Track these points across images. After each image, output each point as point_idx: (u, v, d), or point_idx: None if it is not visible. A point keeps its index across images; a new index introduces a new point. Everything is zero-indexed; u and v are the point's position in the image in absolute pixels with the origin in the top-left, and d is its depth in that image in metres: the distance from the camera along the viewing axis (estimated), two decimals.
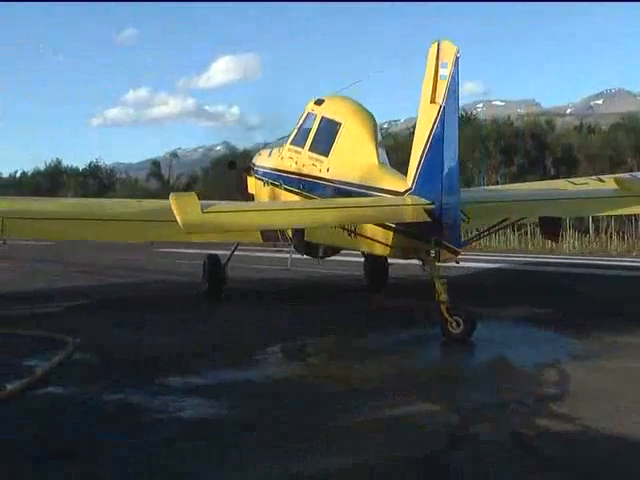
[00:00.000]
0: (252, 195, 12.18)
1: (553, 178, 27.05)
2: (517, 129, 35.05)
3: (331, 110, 10.17)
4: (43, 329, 7.98)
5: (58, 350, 6.80)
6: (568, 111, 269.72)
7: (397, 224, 8.32)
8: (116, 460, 4.02)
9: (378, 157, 9.01)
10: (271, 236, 10.17)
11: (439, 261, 8.04)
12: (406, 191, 8.14)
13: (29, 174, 63.74)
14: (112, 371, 6.30)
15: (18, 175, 65.00)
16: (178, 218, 7.86)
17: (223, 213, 8.78)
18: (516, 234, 26.10)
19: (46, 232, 9.88)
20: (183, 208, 8.06)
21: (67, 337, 7.31)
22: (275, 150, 11.46)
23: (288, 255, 12.29)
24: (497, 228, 11.25)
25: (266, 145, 12.43)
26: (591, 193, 11.04)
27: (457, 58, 7.88)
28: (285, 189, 10.82)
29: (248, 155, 12.25)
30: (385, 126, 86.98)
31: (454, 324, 7.44)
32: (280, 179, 10.99)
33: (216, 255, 12.03)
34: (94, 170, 59.33)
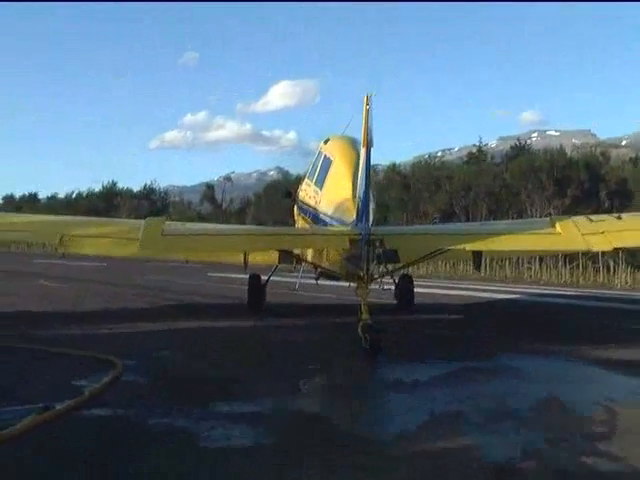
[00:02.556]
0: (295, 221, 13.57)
1: (607, 211, 26.86)
2: (571, 160, 34.74)
3: (329, 149, 11.50)
4: (93, 350, 8.06)
5: (107, 371, 6.89)
6: (624, 142, 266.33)
7: (343, 252, 9.80)
8: None
9: (352, 191, 9.78)
10: (286, 259, 11.73)
11: (367, 286, 9.29)
12: (351, 223, 9.34)
13: (84, 195, 64.56)
14: (159, 394, 6.36)
15: (74, 196, 65.83)
16: (140, 238, 9.66)
17: (180, 237, 10.63)
18: (567, 267, 25.93)
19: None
20: (147, 230, 9.94)
21: (116, 359, 7.42)
22: (304, 182, 12.66)
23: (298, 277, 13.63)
24: (429, 258, 12.48)
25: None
26: (520, 230, 11.71)
27: (367, 109, 8.94)
28: (301, 217, 12.50)
29: (302, 180, 12.81)
30: (439, 154, 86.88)
31: (364, 340, 8.37)
32: (301, 209, 12.59)
33: (258, 275, 13.54)
34: (149, 192, 59.88)
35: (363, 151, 9.10)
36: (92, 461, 4.43)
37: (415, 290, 14.32)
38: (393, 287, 13.73)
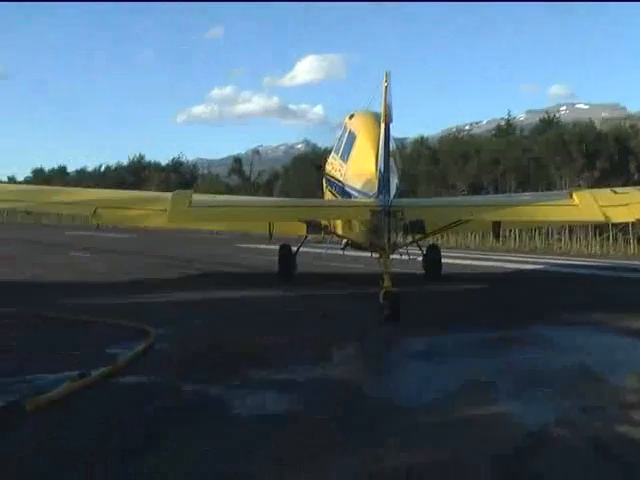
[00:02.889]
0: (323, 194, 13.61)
1: (637, 183, 26.72)
2: (600, 133, 34.47)
3: (354, 124, 11.81)
4: (126, 319, 8.15)
5: (140, 340, 6.96)
6: None
7: (365, 223, 10.35)
8: (193, 453, 4.07)
9: (375, 165, 9.90)
10: (315, 229, 12.42)
11: (388, 256, 9.63)
12: (373, 195, 9.73)
13: (113, 168, 64.77)
14: (191, 362, 6.41)
15: (102, 169, 66.10)
16: (168, 209, 10.26)
17: (206, 208, 11.26)
18: (597, 239, 25.79)
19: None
20: (175, 202, 10.46)
21: (149, 327, 7.48)
22: (331, 156, 12.90)
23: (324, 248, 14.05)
24: (451, 228, 13.25)
25: None
26: (539, 201, 12.00)
27: (386, 86, 9.43)
28: (328, 190, 12.67)
29: (329, 153, 13.02)
30: (467, 128, 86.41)
31: (385, 307, 8.66)
32: (328, 182, 12.76)
33: (288, 245, 13.94)
34: (177, 165, 60.01)
35: (382, 126, 9.41)
36: (127, 428, 4.47)
37: (445, 261, 14.39)
38: (421, 258, 13.98)
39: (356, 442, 4.26)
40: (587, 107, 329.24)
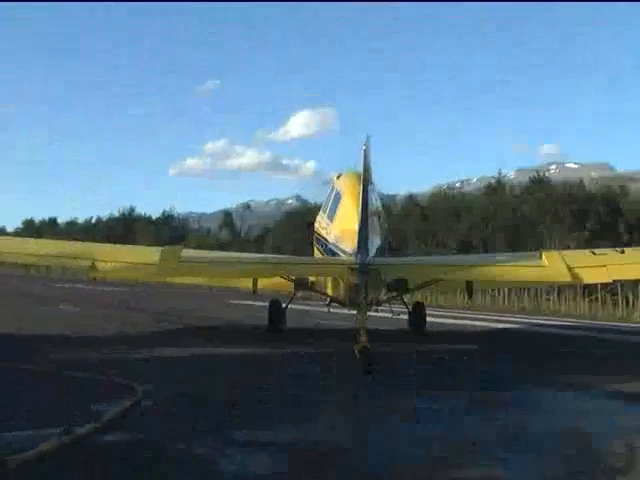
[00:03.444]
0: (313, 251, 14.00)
1: (626, 244, 26.85)
2: (590, 193, 34.73)
3: (340, 185, 12.34)
4: (112, 375, 8.10)
5: (126, 396, 6.92)
6: None
7: (344, 281, 10.80)
8: None
9: (358, 224, 9.93)
10: (302, 286, 12.93)
11: (366, 311, 10.02)
12: (352, 253, 10.06)
13: (103, 220, 64.96)
14: (178, 420, 6.37)
15: (93, 221, 66.25)
16: (158, 263, 10.91)
17: (194, 264, 11.97)
18: (586, 300, 25.87)
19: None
20: (163, 257, 11.13)
21: (135, 383, 7.45)
22: (319, 214, 13.41)
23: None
24: (426, 286, 13.47)
25: None
26: (508, 262, 12.66)
27: (364, 150, 9.99)
28: (317, 247, 13.03)
29: (318, 210, 13.41)
30: (458, 185, 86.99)
31: (361, 361, 9.08)
32: (316, 240, 13.13)
33: (278, 300, 14.50)
34: (167, 219, 60.18)
35: (361, 188, 9.84)
36: None
37: (433, 320, 14.57)
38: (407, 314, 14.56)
39: None
40: (577, 166, 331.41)
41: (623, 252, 12.45)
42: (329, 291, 12.39)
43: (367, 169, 10.09)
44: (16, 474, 4.53)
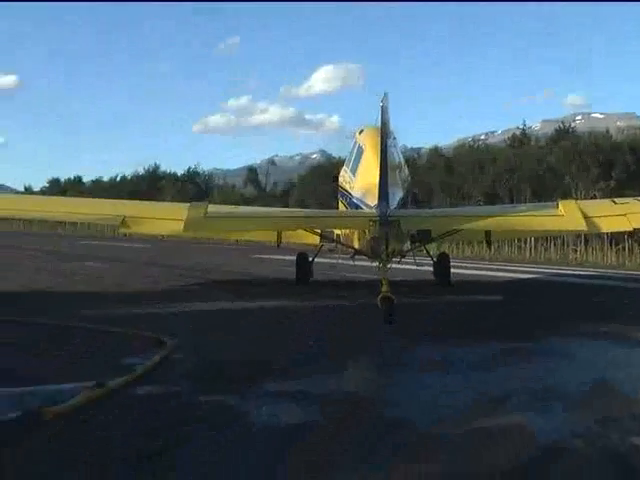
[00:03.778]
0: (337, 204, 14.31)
1: None
2: (616, 142, 34.39)
3: (362, 139, 12.60)
4: (142, 329, 8.19)
5: (157, 350, 6.99)
6: None
7: (366, 232, 10.98)
8: (206, 463, 4.10)
9: (380, 177, 10.11)
10: (327, 239, 13.35)
11: (387, 262, 10.48)
12: (374, 206, 10.25)
13: (129, 178, 64.96)
14: (208, 372, 6.43)
15: (118, 179, 66.31)
16: (184, 219, 11.07)
17: (220, 219, 12.31)
18: (613, 250, 25.73)
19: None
20: (191, 213, 11.34)
21: (165, 337, 7.52)
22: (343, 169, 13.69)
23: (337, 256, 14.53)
24: (446, 237, 13.70)
25: None
26: (527, 212, 12.89)
27: (382, 106, 10.47)
28: (341, 201, 13.28)
29: (343, 163, 13.58)
30: (482, 137, 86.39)
31: (383, 310, 9.28)
32: (340, 194, 13.39)
33: (305, 253, 15.12)
34: (192, 176, 60.16)
35: (379, 142, 10.24)
36: (143, 438, 4.49)
37: (458, 272, 14.57)
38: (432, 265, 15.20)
39: (371, 454, 4.28)
40: (602, 117, 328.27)
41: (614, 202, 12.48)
42: (353, 243, 12.53)
43: (385, 124, 10.44)
44: (51, 426, 4.59)
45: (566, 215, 11.12)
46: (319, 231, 13.04)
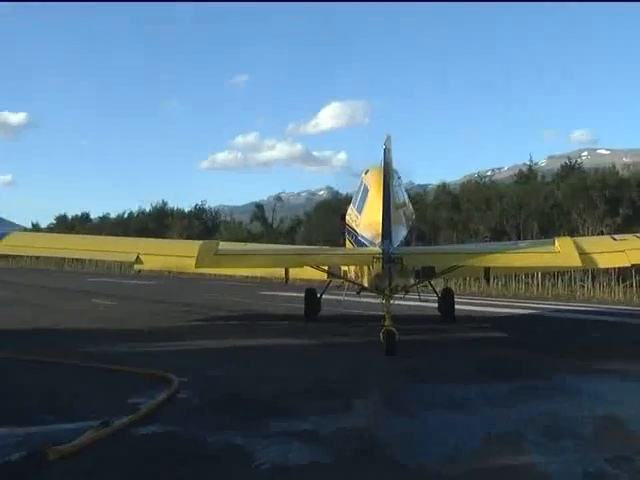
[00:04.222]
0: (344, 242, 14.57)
1: None
2: (622, 179, 34.37)
3: (368, 179, 12.80)
4: (148, 367, 8.15)
5: (163, 388, 6.96)
6: None
7: (370, 269, 11.10)
8: None
9: (383, 216, 10.50)
10: (334, 275, 13.56)
11: (390, 297, 10.90)
12: (378, 244, 10.50)
13: (135, 215, 65.02)
14: (214, 411, 6.40)
15: (125, 216, 66.34)
16: (195, 256, 11.57)
17: (230, 256, 12.72)
18: (620, 286, 25.65)
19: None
20: (201, 250, 11.85)
21: (171, 375, 7.49)
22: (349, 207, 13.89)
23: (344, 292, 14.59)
24: (447, 273, 13.69)
25: None
26: (524, 249, 13.17)
27: (385, 148, 11.10)
28: (347, 238, 13.48)
29: (349, 200, 13.87)
30: (489, 173, 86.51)
31: (383, 343, 9.88)
32: (347, 231, 13.59)
33: (314, 289, 15.48)
34: (199, 212, 60.19)
35: (382, 183, 10.67)
36: (150, 478, 4.46)
37: (465, 308, 14.57)
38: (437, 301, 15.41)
39: None
40: (608, 152, 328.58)
41: (614, 239, 12.92)
42: (359, 279, 12.72)
43: (388, 164, 11.00)
44: (56, 466, 4.56)
45: (562, 252, 11.46)
46: (326, 268, 13.22)
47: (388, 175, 10.83)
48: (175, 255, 13.66)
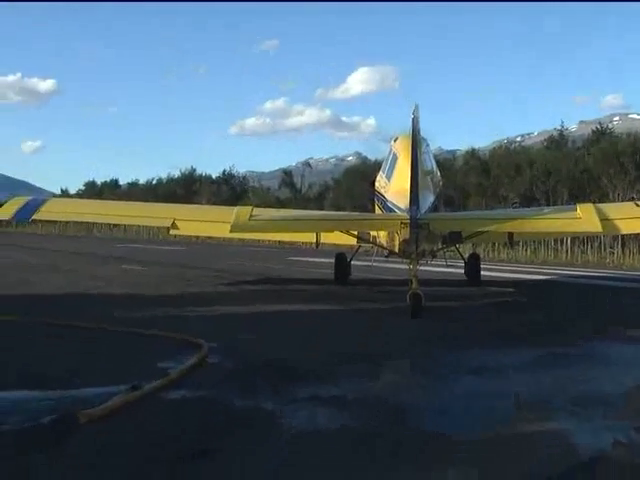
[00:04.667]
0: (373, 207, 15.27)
1: None
2: None
3: (397, 146, 13.18)
4: (178, 332, 8.17)
5: (192, 353, 7.00)
6: None
7: (398, 234, 11.49)
8: (243, 466, 4.09)
9: (411, 183, 10.83)
10: (363, 240, 14.10)
11: (417, 261, 11.24)
12: (406, 209, 10.90)
13: (164, 181, 65.21)
14: (244, 376, 6.40)
15: (154, 182, 66.56)
16: (231, 221, 11.97)
17: (263, 221, 12.92)
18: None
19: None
20: (237, 215, 12.26)
21: (201, 340, 7.53)
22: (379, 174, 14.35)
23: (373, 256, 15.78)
24: (472, 238, 14.19)
25: None
26: (547, 215, 13.46)
27: (413, 117, 11.28)
28: (377, 204, 13.78)
29: (379, 166, 14.20)
30: (518, 139, 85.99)
31: (412, 305, 10.25)
32: (376, 197, 13.89)
33: (343, 253, 16.02)
34: (227, 178, 60.27)
35: (411, 151, 10.92)
36: (178, 442, 4.49)
37: (497, 274, 14.56)
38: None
39: (404, 460, 4.25)
40: None
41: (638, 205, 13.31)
42: (387, 244, 13.11)
43: (416, 133, 11.20)
44: (86, 429, 4.61)
45: (583, 218, 11.72)
46: (355, 233, 13.71)
47: (416, 143, 11.02)
48: (210, 221, 14.48)
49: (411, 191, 10.61)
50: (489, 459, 4.26)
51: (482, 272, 15.94)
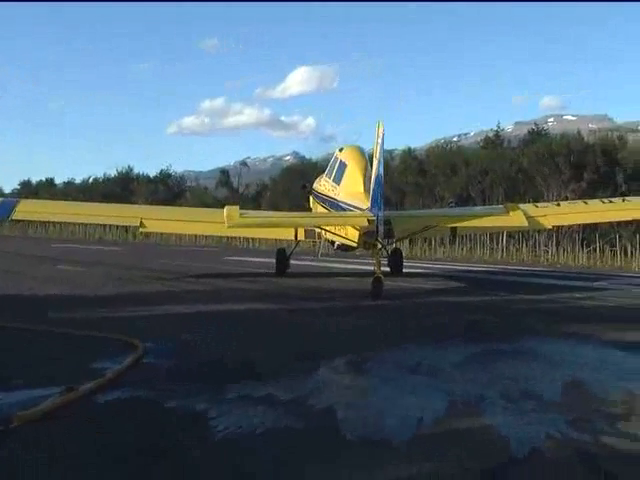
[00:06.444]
0: (310, 208, 17.82)
1: (624, 194, 26.98)
2: (587, 144, 34.59)
3: (344, 155, 15.49)
4: (114, 332, 8.10)
5: (128, 354, 6.95)
6: None
7: (359, 228, 13.16)
8: (175, 467, 4.09)
9: (364, 187, 13.88)
10: (310, 234, 16.34)
11: (378, 252, 13.64)
12: (366, 209, 12.76)
13: (100, 180, 64.70)
14: (180, 376, 6.39)
15: (90, 181, 65.98)
16: (225, 219, 13.03)
17: (252, 218, 14.72)
18: (584, 251, 25.93)
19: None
20: (229, 213, 13.25)
21: (137, 341, 7.47)
22: (322, 178, 16.63)
23: (318, 249, 18.32)
24: (421, 232, 16.42)
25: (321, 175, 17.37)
26: (483, 213, 16.07)
27: (377, 135, 12.94)
28: (321, 205, 16.09)
29: (316, 166, 15.34)
30: (455, 139, 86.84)
31: (373, 287, 12.59)
32: (319, 198, 16.29)
33: (284, 248, 18.38)
34: (165, 178, 59.97)
35: (375, 164, 12.79)
36: (113, 442, 4.46)
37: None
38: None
39: (337, 460, 4.26)
40: (575, 118, 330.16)
41: (559, 205, 16.97)
42: (341, 238, 14.43)
43: (381, 149, 12.88)
44: (19, 432, 4.55)
45: (512, 216, 14.07)
46: (311, 229, 15.91)
47: (381, 155, 12.86)
48: (180, 220, 16.22)
49: (374, 193, 12.63)
50: (424, 457, 4.30)
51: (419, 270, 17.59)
